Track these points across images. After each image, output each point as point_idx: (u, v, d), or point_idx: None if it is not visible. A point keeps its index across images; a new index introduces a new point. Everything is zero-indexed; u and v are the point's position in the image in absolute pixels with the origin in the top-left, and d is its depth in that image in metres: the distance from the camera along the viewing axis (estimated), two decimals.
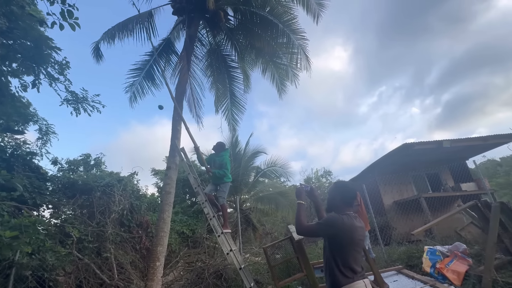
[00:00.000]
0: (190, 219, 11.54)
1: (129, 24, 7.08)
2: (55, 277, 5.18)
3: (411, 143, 9.03)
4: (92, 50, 6.91)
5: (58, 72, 3.01)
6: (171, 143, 5.25)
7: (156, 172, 15.31)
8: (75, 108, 3.30)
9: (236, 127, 8.60)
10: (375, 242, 6.89)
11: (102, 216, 7.18)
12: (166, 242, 4.47)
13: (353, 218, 1.74)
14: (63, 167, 8.78)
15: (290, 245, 4.80)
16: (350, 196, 1.88)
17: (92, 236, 6.71)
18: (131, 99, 7.64)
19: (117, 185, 7.78)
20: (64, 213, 7.14)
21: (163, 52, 7.76)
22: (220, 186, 4.51)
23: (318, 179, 22.89)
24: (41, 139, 7.92)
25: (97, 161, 9.50)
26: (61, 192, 7.37)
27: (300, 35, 6.66)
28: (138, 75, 7.62)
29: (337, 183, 2.01)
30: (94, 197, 7.32)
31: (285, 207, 11.88)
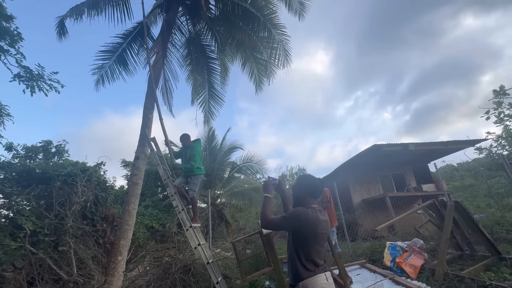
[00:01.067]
0: (161, 213, 11.19)
1: (101, 2, 6.56)
2: (2, 273, 4.71)
3: (380, 144, 9.50)
4: (56, 25, 6.31)
5: (8, 44, 2.67)
6: (141, 132, 4.98)
7: (127, 163, 14.61)
8: (29, 86, 2.95)
9: (211, 119, 8.42)
10: (342, 237, 7.17)
11: (62, 208, 6.67)
12: (130, 236, 4.24)
13: (317, 211, 1.73)
14: (19, 154, 8.00)
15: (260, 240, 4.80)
16: (314, 188, 1.88)
17: (49, 229, 6.21)
18: (98, 82, 7.13)
19: (81, 175, 7.27)
20: (17, 203, 6.51)
21: (138, 35, 7.31)
22: (191, 178, 4.36)
23: (293, 176, 23.38)
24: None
25: (58, 149, 8.79)
26: (14, 180, 6.72)
27: (281, 30, 6.64)
28: (108, 58, 7.12)
29: (301, 177, 1.99)
30: (54, 187, 6.77)
31: (259, 203, 11.94)
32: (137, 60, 7.50)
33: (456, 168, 26.92)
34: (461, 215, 4.40)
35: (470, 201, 12.54)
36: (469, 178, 21.28)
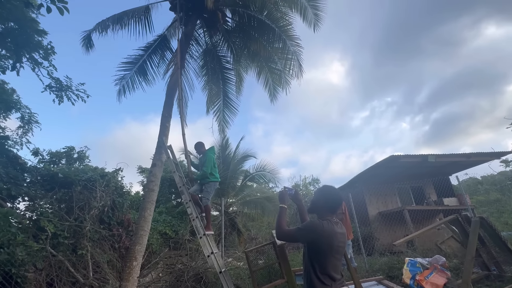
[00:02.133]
0: (174, 219, 11.30)
1: (124, 17, 6.96)
2: (24, 273, 4.90)
3: (397, 155, 9.22)
4: (82, 39, 6.73)
5: (43, 57, 2.89)
6: (158, 140, 5.13)
7: (143, 170, 14.98)
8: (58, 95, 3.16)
9: (226, 128, 8.54)
10: (358, 251, 6.92)
11: (81, 212, 6.90)
12: (145, 242, 4.32)
13: (333, 223, 1.69)
14: (44, 159, 8.45)
15: (273, 251, 4.74)
16: (335, 203, 1.82)
17: (69, 232, 6.43)
18: (120, 92, 7.48)
19: (100, 181, 7.52)
20: (40, 206, 6.82)
21: (158, 48, 7.65)
22: (205, 186, 4.41)
23: (306, 186, 23.01)
24: (23, 127, 7.62)
25: (80, 155, 9.19)
26: (39, 184, 7.06)
27: (295, 42, 6.73)
28: (130, 69, 7.47)
29: (325, 187, 1.94)
30: (74, 192, 7.05)
31: (271, 212, 11.81)
32: (156, 71, 7.82)
33: (480, 181, 25.50)
34: (487, 232, 4.15)
35: (497, 217, 11.78)
36: (494, 192, 20.07)
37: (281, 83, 7.68)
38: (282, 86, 7.68)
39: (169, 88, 5.87)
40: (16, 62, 2.68)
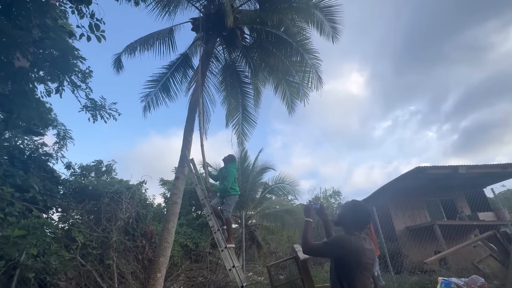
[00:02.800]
0: (194, 232, 11.40)
1: (150, 39, 7.47)
2: (57, 282, 5.16)
3: (424, 166, 8.76)
4: (113, 61, 7.28)
5: (81, 80, 3.19)
6: (181, 153, 5.32)
7: (164, 182, 15.41)
8: (93, 114, 3.45)
9: (245, 141, 8.67)
10: (385, 269, 6.54)
11: (108, 223, 7.21)
12: (168, 253, 4.41)
13: (362, 239, 1.66)
14: (75, 172, 9.02)
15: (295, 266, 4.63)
16: (363, 219, 1.79)
17: (97, 243, 6.71)
18: (145, 108, 7.91)
19: (126, 193, 7.86)
20: (72, 217, 7.23)
21: (180, 66, 8.08)
22: (226, 199, 4.46)
23: (327, 199, 22.34)
24: (58, 143, 8.23)
25: (108, 168, 9.70)
26: (71, 196, 7.51)
27: (313, 55, 6.81)
28: (154, 86, 7.92)
29: (354, 202, 1.90)
30: (102, 203, 7.40)
31: (291, 225, 11.57)
32: (179, 87, 8.23)
33: None
34: None
35: None
36: None
37: (299, 95, 7.74)
38: (300, 98, 7.73)
39: (191, 104, 6.13)
40: (59, 86, 2.98)
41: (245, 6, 7.46)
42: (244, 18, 7.29)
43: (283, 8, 6.60)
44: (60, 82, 3.09)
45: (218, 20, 6.64)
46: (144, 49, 7.57)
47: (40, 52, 2.90)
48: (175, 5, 7.22)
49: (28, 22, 2.76)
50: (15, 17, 2.71)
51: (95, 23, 3.07)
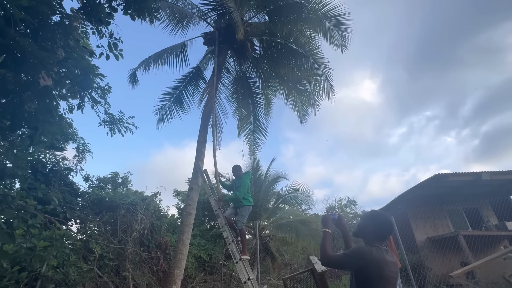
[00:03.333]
0: (208, 243, 11.35)
1: (164, 54, 7.76)
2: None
3: (444, 174, 8.40)
4: (129, 76, 7.59)
5: (100, 96, 3.34)
6: (195, 165, 5.39)
7: (178, 193, 15.56)
8: (111, 128, 3.59)
9: (257, 151, 8.69)
10: (407, 282, 6.22)
11: (124, 234, 7.33)
12: (183, 265, 4.40)
13: (383, 251, 1.59)
14: (93, 184, 9.30)
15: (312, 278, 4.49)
16: (385, 230, 1.72)
17: (113, 254, 6.82)
18: (159, 121, 8.13)
19: (141, 204, 8.00)
20: (90, 228, 7.41)
21: (192, 79, 8.31)
22: (240, 210, 4.44)
23: (342, 208, 21.75)
24: (78, 156, 8.56)
25: (124, 180, 9.94)
26: (89, 208, 7.73)
27: (323, 64, 6.83)
28: (168, 99, 8.16)
29: (374, 212, 1.85)
30: (119, 215, 7.56)
31: (306, 236, 11.29)
32: (191, 99, 8.44)
33: None
34: None
35: None
36: None
37: (310, 104, 7.73)
38: (311, 106, 7.72)
39: (204, 116, 6.25)
40: (81, 102, 3.13)
41: (254, 18, 7.65)
42: (253, 30, 7.46)
43: (292, 19, 6.71)
44: (81, 98, 3.25)
45: (229, 33, 6.83)
46: (158, 63, 7.87)
47: (63, 71, 3.07)
48: (187, 21, 7.50)
49: (53, 43, 2.95)
50: (42, 40, 2.89)
51: (114, 42, 3.24)
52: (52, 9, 2.80)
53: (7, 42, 2.36)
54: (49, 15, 2.84)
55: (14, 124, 2.86)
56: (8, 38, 2.32)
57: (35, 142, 2.87)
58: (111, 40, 3.25)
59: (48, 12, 2.77)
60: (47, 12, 2.76)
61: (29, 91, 2.90)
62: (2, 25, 2.24)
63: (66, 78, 3.15)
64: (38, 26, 2.77)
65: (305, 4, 6.37)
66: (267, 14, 7.16)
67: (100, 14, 3.12)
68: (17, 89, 2.86)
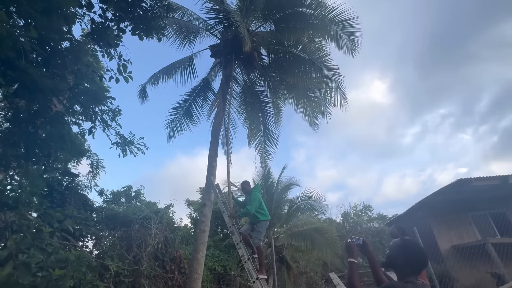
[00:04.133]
0: (222, 254, 11.21)
1: (172, 68, 7.82)
2: None
3: (467, 179, 7.96)
4: (138, 91, 7.68)
5: (111, 118, 3.34)
6: (207, 180, 5.31)
7: (190, 202, 15.56)
8: (123, 150, 3.57)
9: (268, 160, 8.55)
10: None
11: (139, 250, 7.32)
12: (199, 285, 4.29)
13: (420, 287, 1.41)
14: (107, 198, 9.42)
15: None
16: (419, 263, 1.53)
17: (129, 271, 6.80)
18: (170, 134, 8.16)
19: (154, 218, 8.00)
20: (105, 245, 7.44)
21: (201, 91, 8.32)
22: (256, 226, 4.29)
23: (357, 214, 21.12)
24: (92, 172, 8.70)
25: (137, 193, 10.03)
26: (104, 223, 7.79)
27: (334, 71, 6.67)
28: (178, 112, 8.19)
29: (405, 242, 1.63)
30: (133, 230, 7.57)
31: (322, 245, 10.97)
32: (201, 111, 8.45)
33: None
34: None
35: None
36: None
37: (321, 111, 7.57)
38: (323, 113, 7.56)
39: (214, 129, 6.19)
40: (92, 127, 3.13)
41: (260, 28, 7.61)
42: (260, 40, 7.41)
43: (299, 27, 6.62)
44: (92, 121, 3.24)
45: (236, 44, 6.80)
46: (167, 78, 7.93)
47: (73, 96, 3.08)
48: (194, 35, 7.54)
49: (64, 69, 2.96)
50: (53, 66, 2.90)
51: (123, 64, 3.24)
52: (62, 36, 2.81)
53: (17, 74, 2.36)
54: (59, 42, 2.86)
55: (28, 152, 2.87)
56: (19, 70, 2.32)
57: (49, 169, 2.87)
58: (120, 62, 3.25)
59: (58, 39, 2.79)
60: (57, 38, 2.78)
61: (41, 118, 2.91)
62: (13, 58, 2.25)
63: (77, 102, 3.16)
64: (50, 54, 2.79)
65: (311, 11, 6.27)
66: (273, 23, 7.11)
67: (109, 37, 3.13)
68: (30, 117, 2.88)
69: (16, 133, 2.85)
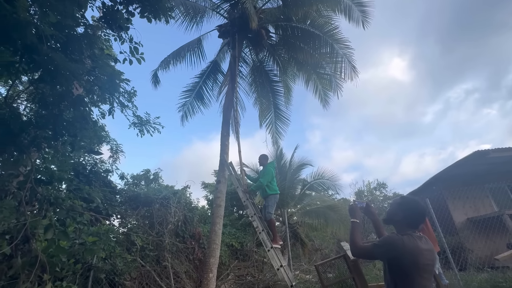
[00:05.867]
0: (238, 232, 11.72)
1: (181, 52, 7.88)
2: (123, 281, 5.76)
3: (485, 150, 7.73)
4: (151, 77, 7.85)
5: (127, 100, 3.53)
6: (220, 158, 5.52)
7: (206, 185, 16.12)
8: (140, 130, 3.79)
9: (279, 139, 8.65)
10: (446, 265, 5.97)
11: (161, 227, 7.82)
12: (218, 254, 4.62)
13: (416, 239, 1.52)
14: (128, 181, 9.96)
15: (344, 264, 4.49)
16: (416, 219, 1.63)
17: (153, 245, 7.33)
18: (183, 117, 8.37)
19: (173, 198, 8.44)
20: (129, 222, 8.00)
21: (210, 73, 8.38)
22: (266, 201, 4.50)
23: (371, 192, 21.09)
24: (112, 157, 9.18)
25: (155, 176, 10.51)
26: (127, 204, 8.32)
27: (344, 44, 6.50)
28: (189, 96, 8.34)
29: (404, 199, 1.74)
30: (154, 209, 8.06)
31: (336, 222, 11.21)
32: (211, 94, 8.56)
33: None
34: None
35: None
36: None
37: (332, 87, 7.46)
38: (333, 90, 7.45)
39: (225, 109, 6.31)
40: (111, 108, 3.33)
41: (267, 4, 7.43)
42: (267, 17, 7.27)
43: (307, 0, 6.42)
44: (110, 103, 3.44)
45: (243, 23, 6.72)
46: (177, 61, 8.02)
47: (92, 79, 3.26)
48: (201, 16, 7.49)
49: (80, 54, 3.13)
50: (71, 52, 3.08)
51: (135, 47, 3.36)
52: (76, 21, 2.95)
53: (41, 59, 2.55)
54: (74, 28, 3.00)
55: (56, 133, 3.12)
56: (42, 55, 2.50)
57: (76, 148, 3.13)
58: (132, 45, 3.37)
59: (73, 24, 2.93)
60: (72, 25, 2.93)
61: (65, 101, 3.13)
62: (36, 43, 2.42)
63: (95, 85, 3.35)
64: (67, 40, 2.95)
65: None
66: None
67: (119, 20, 3.24)
68: (54, 101, 3.10)
69: (44, 116, 3.10)
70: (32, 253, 2.42)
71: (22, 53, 2.64)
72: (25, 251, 2.56)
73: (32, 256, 2.42)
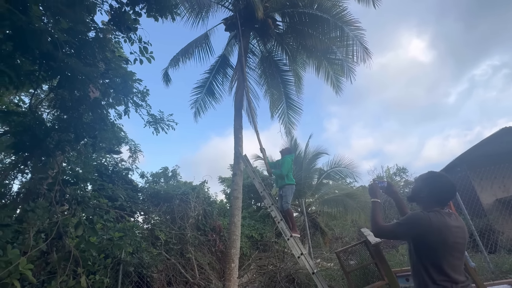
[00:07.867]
0: (257, 223, 11.88)
1: (190, 48, 7.92)
2: (151, 274, 6.05)
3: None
4: (162, 76, 7.98)
5: (141, 99, 3.62)
6: (235, 151, 5.57)
7: (223, 179, 16.40)
8: (155, 128, 3.89)
9: (292, 129, 8.57)
10: (474, 248, 5.75)
11: (182, 221, 8.09)
12: (238, 245, 4.72)
13: (445, 215, 1.42)
14: (148, 179, 10.32)
15: (366, 250, 4.44)
16: (445, 194, 1.53)
17: (176, 239, 7.61)
18: (196, 114, 8.47)
19: (192, 193, 8.67)
20: (152, 218, 8.33)
21: (220, 68, 8.38)
22: (282, 191, 4.50)
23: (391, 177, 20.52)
24: (131, 157, 9.52)
25: (173, 173, 10.81)
26: (149, 201, 8.65)
27: (354, 26, 6.24)
28: (200, 92, 8.41)
29: (431, 174, 1.62)
30: (174, 204, 8.33)
31: (355, 209, 11.06)
32: (222, 88, 8.58)
33: None
34: None
35: None
36: None
37: (344, 72, 7.25)
38: (346, 75, 7.23)
39: (237, 102, 6.32)
40: (126, 108, 3.43)
41: None
42: (273, 5, 7.11)
43: None
44: (125, 104, 3.55)
45: (249, 14, 6.63)
46: (186, 58, 8.08)
47: (106, 82, 3.37)
48: (206, 10, 7.47)
49: (93, 58, 3.23)
50: (84, 56, 3.18)
51: (144, 46, 3.42)
52: (87, 26, 3.04)
53: (58, 65, 2.66)
54: (85, 33, 3.10)
55: (77, 136, 3.28)
56: (59, 61, 2.61)
57: (96, 149, 3.28)
58: (141, 45, 3.44)
59: (84, 29, 3.02)
60: (83, 30, 3.02)
61: (83, 105, 3.27)
62: (51, 50, 2.52)
63: (110, 88, 3.46)
64: (79, 45, 3.05)
65: None
66: None
67: (127, 21, 3.30)
68: (73, 105, 3.25)
69: (65, 120, 3.26)
70: (66, 249, 2.59)
71: (40, 61, 2.76)
72: (59, 247, 2.74)
73: (66, 252, 2.59)
